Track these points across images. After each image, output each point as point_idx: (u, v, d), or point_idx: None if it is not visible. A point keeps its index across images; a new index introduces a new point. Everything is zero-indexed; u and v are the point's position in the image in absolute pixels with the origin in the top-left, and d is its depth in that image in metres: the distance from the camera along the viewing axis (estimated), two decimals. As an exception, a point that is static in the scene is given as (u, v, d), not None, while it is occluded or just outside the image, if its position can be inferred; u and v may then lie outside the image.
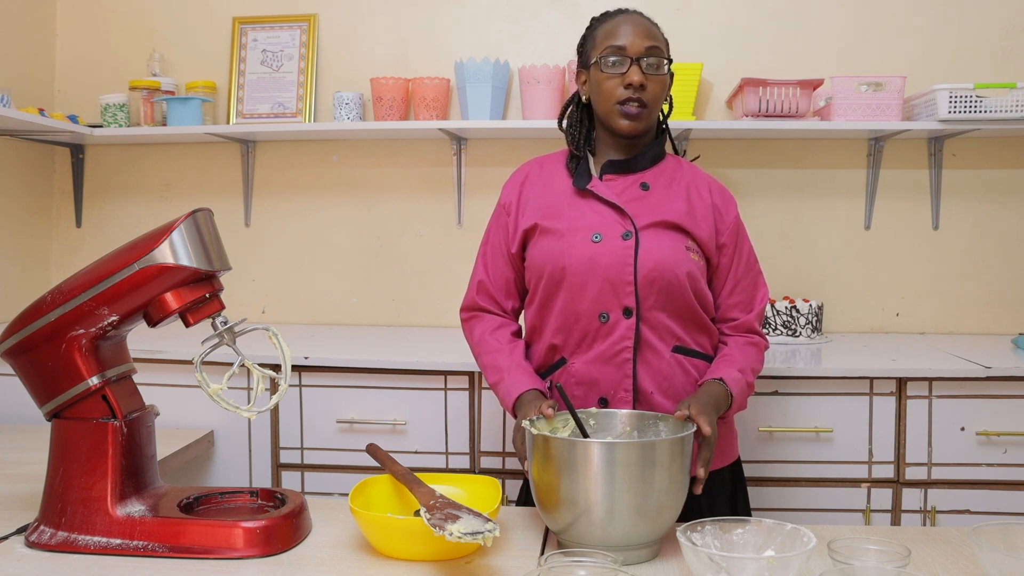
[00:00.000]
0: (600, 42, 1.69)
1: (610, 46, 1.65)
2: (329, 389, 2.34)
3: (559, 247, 1.64)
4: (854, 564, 1.07)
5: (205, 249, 1.24)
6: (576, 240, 1.64)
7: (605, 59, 1.65)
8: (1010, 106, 2.46)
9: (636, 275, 1.60)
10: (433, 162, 2.99)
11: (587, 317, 1.63)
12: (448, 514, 1.12)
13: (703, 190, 1.73)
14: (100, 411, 1.25)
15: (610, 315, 1.62)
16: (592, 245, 1.62)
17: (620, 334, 1.62)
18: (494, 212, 1.80)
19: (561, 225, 1.66)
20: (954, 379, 2.20)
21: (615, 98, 1.65)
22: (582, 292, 1.62)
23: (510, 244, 1.74)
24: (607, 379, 1.63)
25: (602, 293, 1.61)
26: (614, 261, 1.61)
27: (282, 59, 2.97)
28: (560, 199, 1.70)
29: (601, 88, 1.67)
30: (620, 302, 1.61)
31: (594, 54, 1.69)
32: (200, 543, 1.21)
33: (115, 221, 3.11)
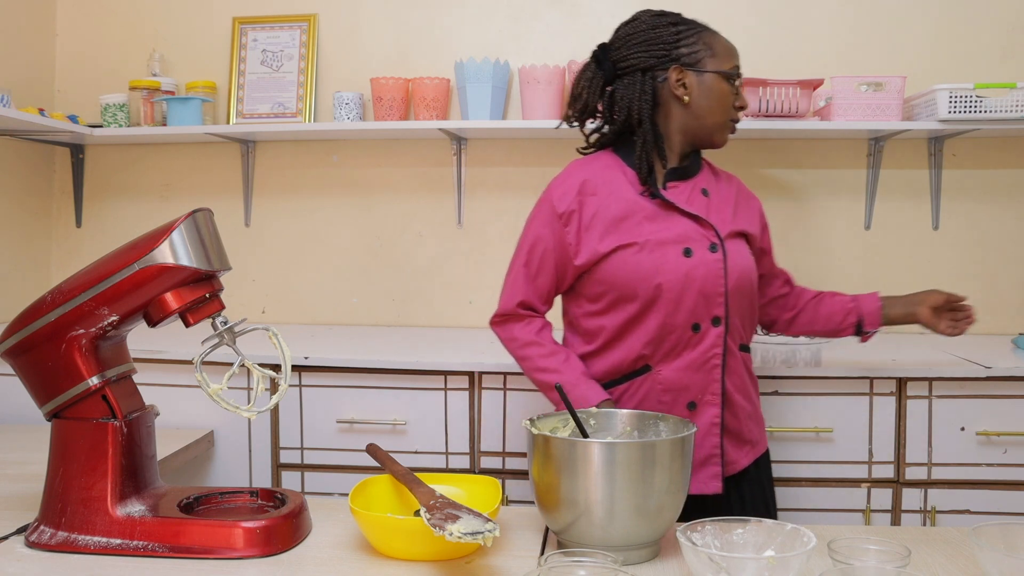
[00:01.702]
0: (722, 55, 1.72)
1: (735, 65, 1.73)
2: (329, 389, 2.34)
3: (651, 263, 1.65)
4: (854, 564, 1.07)
5: (205, 249, 1.24)
6: (668, 256, 1.65)
7: (732, 76, 1.72)
8: (1010, 106, 2.46)
9: (727, 286, 1.67)
10: (433, 162, 2.99)
11: (680, 329, 1.67)
12: (448, 514, 1.12)
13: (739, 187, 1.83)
14: (100, 411, 1.25)
15: (701, 325, 1.67)
16: (685, 260, 1.65)
17: (710, 342, 1.68)
18: (540, 218, 1.75)
19: (648, 240, 1.66)
20: (954, 379, 2.20)
21: (729, 114, 1.73)
22: (678, 307, 1.65)
23: (571, 256, 1.70)
24: (696, 385, 1.68)
25: (696, 306, 1.66)
26: (707, 274, 1.66)
27: (282, 59, 2.97)
28: (633, 210, 1.68)
29: (723, 99, 1.71)
30: (711, 312, 1.67)
31: (715, 63, 1.71)
32: (200, 543, 1.21)
33: (115, 221, 3.11)
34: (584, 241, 1.69)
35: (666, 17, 1.75)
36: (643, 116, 1.71)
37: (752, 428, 1.78)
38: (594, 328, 1.74)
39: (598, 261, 1.68)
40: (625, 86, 1.73)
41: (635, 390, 1.71)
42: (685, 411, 1.69)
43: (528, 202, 2.93)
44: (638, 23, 1.77)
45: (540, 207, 1.76)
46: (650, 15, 1.77)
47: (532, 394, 2.27)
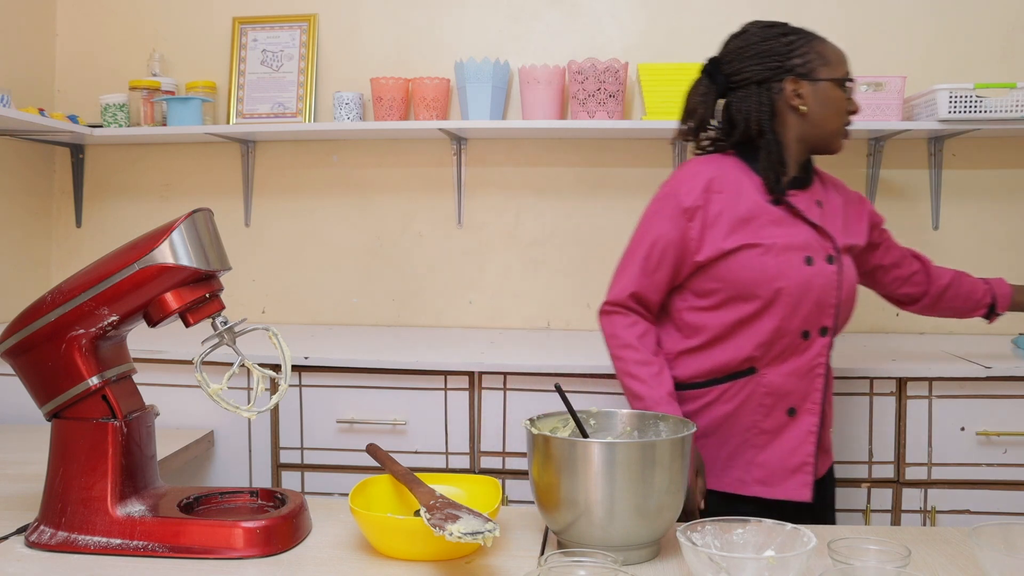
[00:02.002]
0: (835, 63, 1.74)
1: (847, 72, 1.75)
2: (329, 389, 2.34)
3: (775, 267, 1.66)
4: (854, 564, 1.07)
5: (205, 249, 1.24)
6: (791, 261, 1.67)
7: (847, 84, 1.74)
8: (1010, 106, 2.46)
9: (839, 298, 1.72)
10: (433, 162, 2.99)
11: (792, 335, 1.69)
12: (448, 514, 1.12)
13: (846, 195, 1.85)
14: (100, 411, 1.25)
15: (811, 333, 1.70)
16: (806, 268, 1.68)
17: (816, 351, 1.72)
18: (663, 212, 1.73)
19: (774, 243, 1.67)
20: (954, 379, 2.20)
21: (844, 121, 1.75)
22: (794, 312, 1.68)
23: (692, 251, 1.70)
24: (798, 391, 1.71)
25: (810, 314, 1.69)
26: (825, 284, 1.70)
27: (282, 59, 2.97)
28: (758, 212, 1.70)
29: (838, 106, 1.73)
30: (820, 322, 1.71)
31: (830, 72, 1.73)
32: (200, 543, 1.21)
33: (115, 221, 3.11)
34: (708, 237, 1.69)
35: (776, 28, 1.78)
36: (764, 127, 1.72)
37: (829, 438, 1.82)
38: (698, 324, 1.74)
39: (720, 258, 1.68)
40: (740, 99, 1.75)
41: (737, 391, 1.72)
42: (784, 416, 1.71)
43: (528, 201, 2.95)
44: (749, 36, 1.78)
45: (663, 201, 1.74)
46: (760, 27, 1.78)
47: (532, 394, 2.28)
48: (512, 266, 2.98)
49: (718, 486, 1.72)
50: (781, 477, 1.70)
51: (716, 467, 1.73)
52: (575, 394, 1.64)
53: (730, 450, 1.72)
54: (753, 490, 1.71)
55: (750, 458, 1.72)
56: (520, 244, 2.98)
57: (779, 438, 1.71)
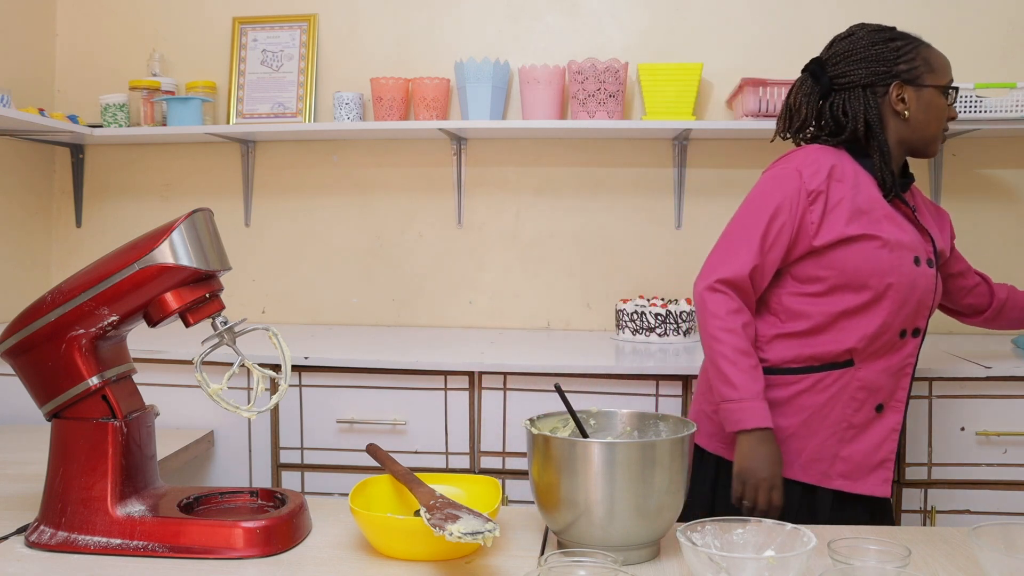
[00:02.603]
0: (940, 71, 1.77)
1: (951, 79, 1.78)
2: (329, 389, 2.34)
3: (889, 261, 1.69)
4: (854, 564, 1.07)
5: (205, 249, 1.24)
6: (903, 259, 1.70)
7: (950, 91, 1.76)
8: (1010, 106, 2.46)
9: (933, 301, 1.76)
10: (433, 162, 2.99)
11: (892, 331, 1.71)
12: (448, 514, 1.12)
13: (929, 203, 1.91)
14: (100, 411, 1.25)
15: (907, 332, 1.73)
16: (914, 267, 1.71)
17: (909, 351, 1.75)
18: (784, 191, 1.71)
19: (891, 239, 1.70)
20: (954, 379, 2.20)
21: (943, 126, 1.78)
22: (900, 309, 1.70)
23: (810, 236, 1.69)
24: (887, 388, 1.74)
25: (912, 313, 1.72)
26: (927, 286, 1.73)
27: (282, 59, 2.97)
28: (875, 206, 1.72)
29: (940, 113, 1.76)
30: (916, 322, 1.75)
31: (934, 78, 1.76)
32: (200, 543, 1.21)
33: (115, 221, 3.11)
34: (828, 222, 1.69)
35: (884, 33, 1.81)
36: (874, 129, 1.75)
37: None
38: (799, 310, 1.73)
39: (838, 244, 1.69)
40: (845, 100, 1.77)
41: (832, 382, 1.72)
42: (872, 412, 1.73)
43: (528, 201, 2.95)
44: (856, 39, 1.81)
45: (783, 181, 1.72)
46: (868, 31, 1.82)
47: (532, 394, 2.28)
48: (512, 266, 2.98)
49: (802, 477, 1.73)
50: (864, 472, 1.72)
51: (802, 458, 1.73)
52: (575, 394, 1.64)
53: (819, 442, 1.73)
54: (836, 483, 1.73)
55: (836, 451, 1.72)
56: (520, 244, 2.98)
57: (866, 433, 1.73)
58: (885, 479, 1.74)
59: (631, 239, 2.94)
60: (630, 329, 2.67)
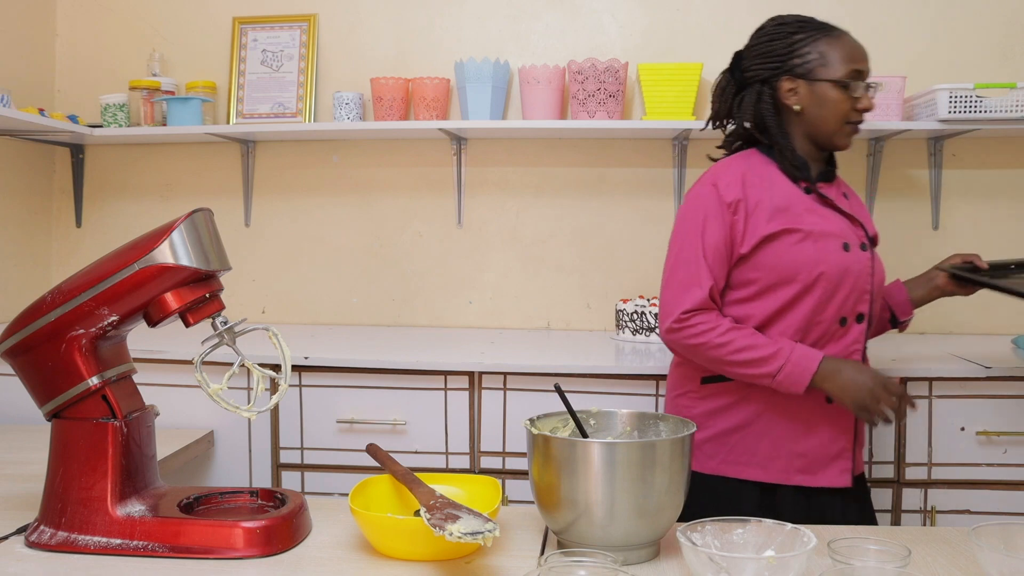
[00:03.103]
0: (838, 62, 1.73)
1: (853, 69, 1.73)
2: (329, 389, 2.34)
3: (814, 252, 1.69)
4: (854, 564, 1.07)
5: (205, 249, 1.24)
6: (829, 247, 1.70)
7: (850, 82, 1.72)
8: (1010, 106, 2.46)
9: (872, 284, 1.75)
10: (433, 162, 2.99)
11: (829, 321, 1.71)
12: (448, 514, 1.12)
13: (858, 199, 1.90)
14: (100, 411, 1.25)
15: (848, 319, 1.72)
16: (844, 254, 1.71)
17: (854, 337, 1.74)
18: (702, 208, 1.73)
19: (812, 230, 1.70)
20: (954, 379, 2.20)
21: (847, 118, 1.74)
22: (832, 298, 1.70)
23: (738, 244, 1.71)
24: None
25: (847, 299, 1.71)
26: (861, 270, 1.73)
27: (282, 59, 2.97)
28: (795, 202, 1.73)
29: (836, 108, 1.73)
30: (857, 308, 1.73)
31: (827, 71, 1.73)
32: (200, 543, 1.21)
33: (115, 221, 3.11)
34: (750, 228, 1.71)
35: (788, 26, 1.79)
36: (767, 124, 1.77)
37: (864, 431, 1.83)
38: (740, 315, 1.74)
39: (761, 245, 1.70)
40: (749, 96, 1.80)
41: None
42: (823, 404, 1.71)
43: (528, 201, 2.95)
44: (761, 33, 1.83)
45: (703, 198, 1.74)
46: (775, 24, 1.81)
47: (532, 394, 2.28)
48: (512, 266, 2.98)
49: (761, 477, 1.72)
50: (822, 464, 1.72)
51: (758, 457, 1.73)
52: (575, 394, 1.63)
53: (772, 439, 1.72)
54: (796, 479, 1.72)
55: (791, 447, 1.72)
56: (520, 244, 2.98)
57: (819, 426, 1.72)
58: (844, 469, 1.72)
59: (631, 239, 2.94)
60: (630, 329, 2.67)
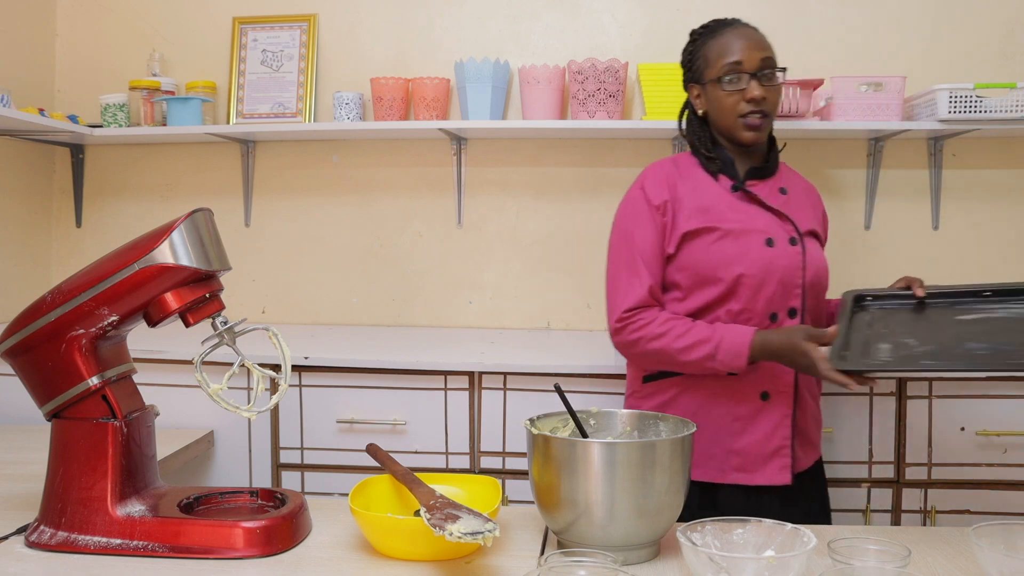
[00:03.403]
0: (714, 60, 1.76)
1: (727, 64, 1.74)
2: (329, 389, 2.34)
3: (734, 250, 1.70)
4: (854, 564, 1.07)
5: (205, 249, 1.24)
6: (751, 244, 1.70)
7: (723, 78, 1.74)
8: (1010, 106, 2.46)
9: (804, 279, 1.73)
10: (433, 162, 2.99)
11: (758, 317, 1.71)
12: (448, 514, 1.12)
13: (814, 196, 1.91)
14: (100, 411, 1.25)
15: (778, 315, 1.71)
16: (767, 250, 1.70)
17: None
18: (633, 212, 1.77)
19: (732, 228, 1.71)
20: (954, 379, 2.20)
21: (737, 112, 1.74)
22: (757, 294, 1.70)
23: (667, 245, 1.74)
24: (767, 374, 1.71)
25: (775, 295, 1.70)
26: (788, 265, 1.71)
27: (282, 59, 2.97)
28: (718, 202, 1.74)
29: (723, 105, 1.75)
30: (787, 303, 1.72)
31: (709, 72, 1.77)
32: (200, 543, 1.21)
33: (115, 221, 3.11)
34: (674, 228, 1.73)
35: (693, 34, 1.85)
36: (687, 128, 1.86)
37: (815, 431, 1.82)
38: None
39: (683, 244, 1.72)
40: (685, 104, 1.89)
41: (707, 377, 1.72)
42: (758, 401, 1.71)
43: (528, 201, 2.95)
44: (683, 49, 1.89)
45: (633, 202, 1.78)
46: (691, 34, 1.87)
47: (532, 394, 2.28)
48: (512, 266, 2.98)
49: (700, 476, 1.71)
50: (760, 462, 1.71)
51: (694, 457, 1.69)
52: (575, 394, 1.64)
53: (708, 438, 1.72)
54: (732, 477, 1.72)
55: (728, 445, 1.72)
56: (520, 244, 2.98)
57: (755, 423, 1.71)
58: (783, 466, 1.71)
59: (631, 239, 2.94)
60: (630, 329, 2.67)
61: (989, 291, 1.51)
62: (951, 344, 1.41)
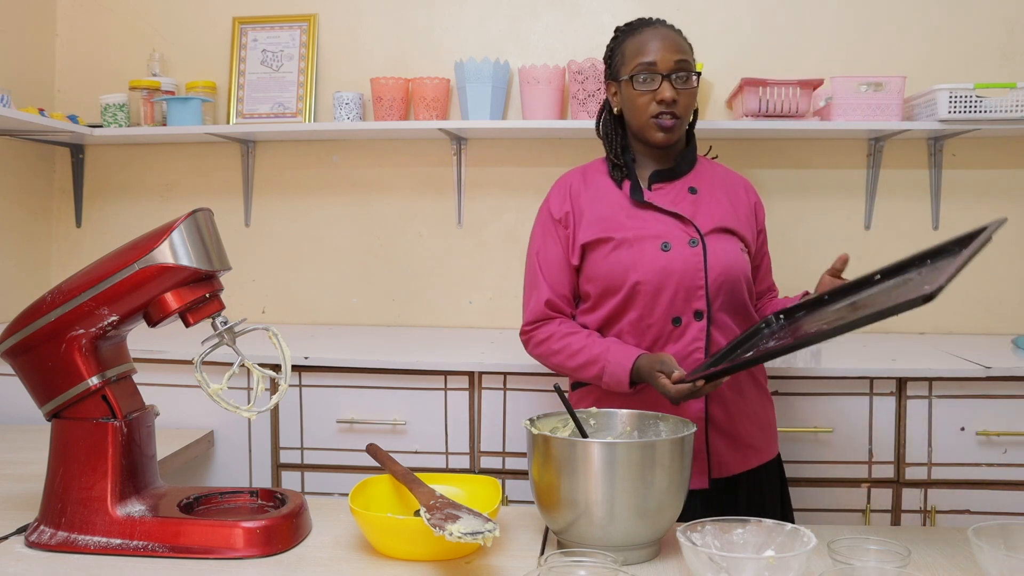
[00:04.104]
0: (630, 59, 1.74)
1: (640, 63, 1.72)
2: (329, 389, 2.34)
3: (628, 258, 1.69)
4: (854, 564, 1.07)
5: (205, 249, 1.24)
6: (645, 250, 1.69)
7: (636, 77, 1.71)
8: (1010, 106, 2.46)
9: (707, 280, 1.69)
10: (433, 162, 2.99)
11: (661, 322, 1.69)
12: (448, 514, 1.12)
13: (739, 190, 1.84)
14: (100, 411, 1.25)
15: (682, 319, 1.69)
16: (662, 254, 1.69)
17: (692, 336, 1.70)
18: (540, 225, 1.82)
19: (626, 236, 1.70)
20: (954, 379, 2.20)
21: (649, 113, 1.72)
22: (656, 300, 1.68)
23: (570, 256, 1.76)
24: None
25: (675, 299, 1.69)
26: (686, 268, 1.69)
27: (282, 59, 2.97)
28: (616, 211, 1.74)
29: (634, 104, 1.73)
30: (691, 306, 1.69)
31: (624, 70, 1.75)
32: (200, 543, 1.21)
33: (115, 221, 3.11)
34: (575, 240, 1.76)
35: (616, 31, 1.83)
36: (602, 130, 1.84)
37: (752, 432, 1.76)
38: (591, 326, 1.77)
39: (584, 255, 1.74)
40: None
41: None
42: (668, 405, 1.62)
43: (528, 201, 2.95)
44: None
45: (541, 216, 1.83)
46: (615, 30, 1.84)
47: (532, 394, 2.28)
48: (512, 266, 2.98)
49: None
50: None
51: None
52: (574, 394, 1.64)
53: None
54: None
55: None
56: (520, 244, 2.97)
57: None
58: (699, 471, 1.68)
59: (631, 239, 2.94)
60: (630, 329, 2.67)
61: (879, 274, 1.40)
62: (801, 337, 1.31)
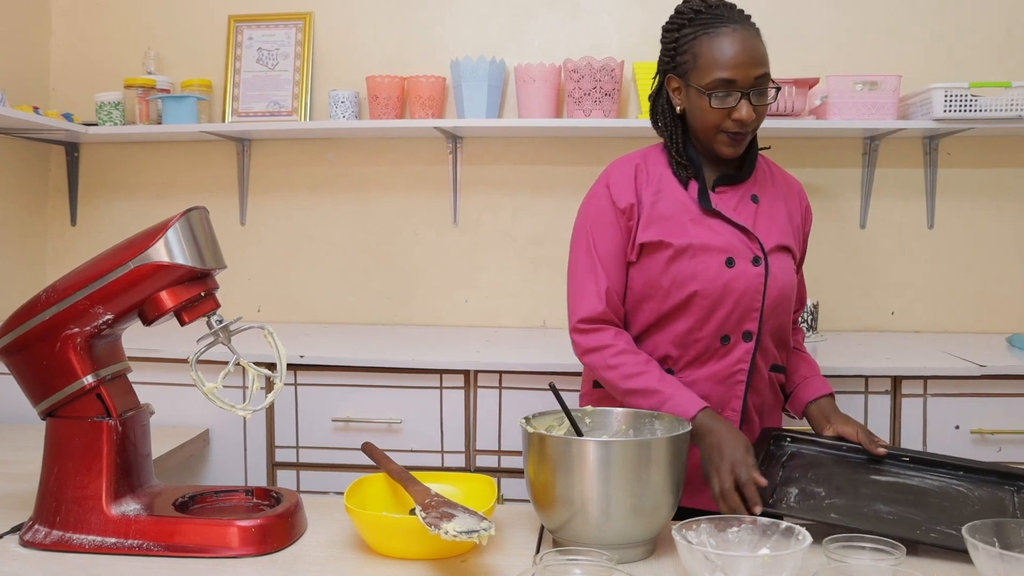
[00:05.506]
0: (705, 68, 1.56)
1: (718, 79, 1.54)
2: (325, 388, 2.34)
3: (690, 268, 1.59)
4: (849, 562, 1.07)
5: (200, 247, 1.24)
6: (710, 263, 1.58)
7: (714, 93, 1.55)
8: (1005, 105, 2.46)
9: (764, 302, 1.61)
10: (429, 161, 2.99)
11: (709, 338, 1.61)
12: (443, 513, 1.12)
13: (794, 196, 1.75)
14: (95, 410, 1.25)
15: (731, 337, 1.61)
16: (726, 270, 1.59)
17: (738, 356, 1.62)
18: (597, 210, 1.65)
19: (691, 243, 1.59)
20: (949, 378, 2.20)
21: (720, 127, 1.58)
22: (710, 316, 1.60)
23: (628, 251, 1.64)
24: (717, 396, 1.62)
25: (730, 317, 1.60)
26: (747, 288, 1.60)
27: (278, 57, 2.97)
28: (679, 212, 1.61)
29: (703, 116, 1.58)
30: (743, 327, 1.61)
31: (696, 78, 1.57)
32: (195, 542, 1.21)
33: (110, 219, 3.11)
34: (636, 236, 1.62)
35: (681, 16, 1.64)
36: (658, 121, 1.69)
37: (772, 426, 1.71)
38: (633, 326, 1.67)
39: (640, 253, 1.62)
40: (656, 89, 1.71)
41: None
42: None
43: (524, 200, 2.95)
44: (666, 23, 1.68)
45: (598, 199, 1.66)
46: (673, 14, 1.66)
47: (528, 392, 2.28)
48: (508, 265, 2.98)
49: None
50: (696, 485, 1.49)
51: None
52: (570, 393, 1.64)
53: None
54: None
55: None
56: (516, 243, 2.98)
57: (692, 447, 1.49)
58: None
59: (627, 238, 2.94)
60: (626, 328, 2.67)
61: (907, 457, 1.48)
62: (860, 503, 1.36)
